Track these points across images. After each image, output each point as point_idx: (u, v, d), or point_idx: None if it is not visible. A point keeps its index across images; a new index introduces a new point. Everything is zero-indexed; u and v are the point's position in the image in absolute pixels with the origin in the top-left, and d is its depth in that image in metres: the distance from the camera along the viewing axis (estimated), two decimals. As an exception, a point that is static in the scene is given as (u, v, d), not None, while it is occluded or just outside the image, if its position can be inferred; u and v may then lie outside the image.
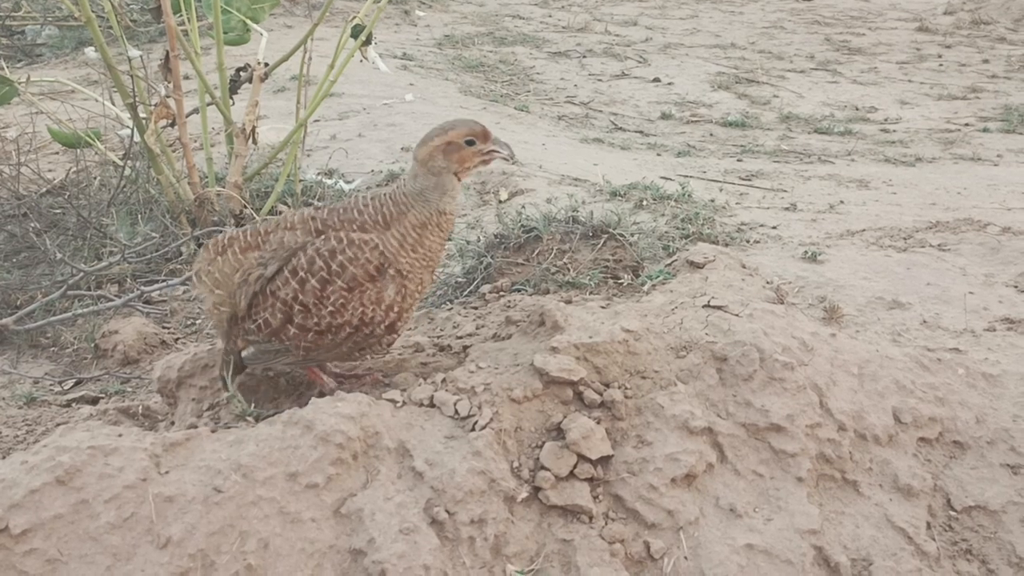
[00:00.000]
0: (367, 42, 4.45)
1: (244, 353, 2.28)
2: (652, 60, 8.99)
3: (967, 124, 7.10)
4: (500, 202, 4.94)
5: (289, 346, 2.18)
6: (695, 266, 2.60)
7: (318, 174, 5.19)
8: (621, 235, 3.16)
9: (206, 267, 2.32)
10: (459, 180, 2.20)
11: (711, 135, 7.15)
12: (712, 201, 4.85)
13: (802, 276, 3.05)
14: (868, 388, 2.28)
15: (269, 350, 2.22)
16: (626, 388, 2.17)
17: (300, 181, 4.76)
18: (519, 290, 3.07)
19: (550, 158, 5.85)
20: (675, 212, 4.20)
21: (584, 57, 9.09)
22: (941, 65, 8.61)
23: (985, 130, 6.92)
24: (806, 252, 3.36)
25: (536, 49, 9.30)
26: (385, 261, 2.13)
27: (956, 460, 2.24)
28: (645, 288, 2.65)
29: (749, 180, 5.77)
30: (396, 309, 2.16)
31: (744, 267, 2.62)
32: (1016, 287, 2.89)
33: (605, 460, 2.08)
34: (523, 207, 3.57)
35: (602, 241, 3.21)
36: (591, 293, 2.93)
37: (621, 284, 2.98)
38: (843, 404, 2.22)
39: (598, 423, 2.10)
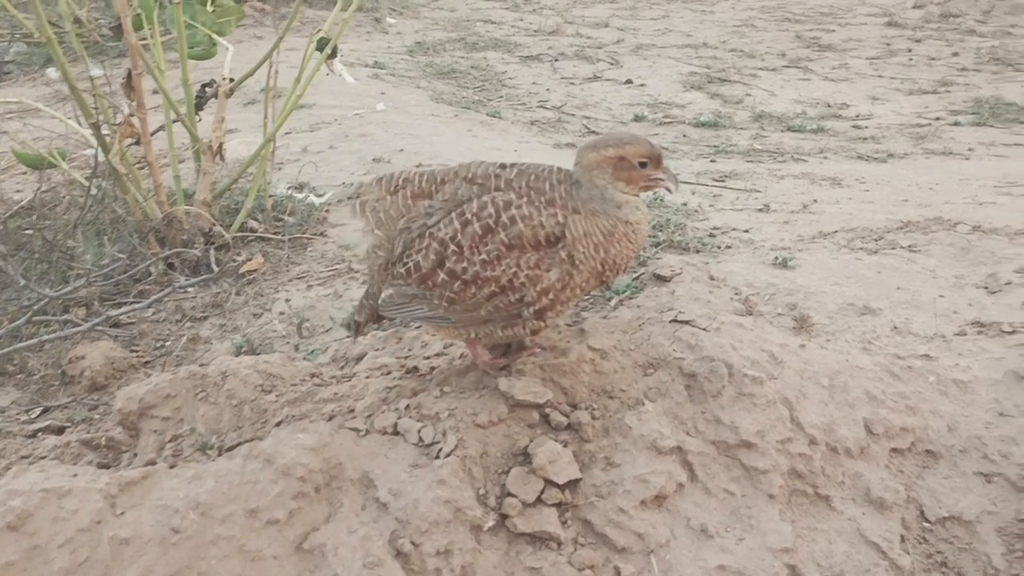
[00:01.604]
0: (332, 55, 4.40)
1: (383, 295, 2.18)
2: (624, 62, 8.97)
3: (938, 118, 7.12)
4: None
5: (433, 294, 2.08)
6: (662, 280, 2.57)
7: (288, 188, 5.13)
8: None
9: (373, 203, 2.22)
10: (623, 194, 2.08)
11: (684, 136, 7.13)
12: (685, 205, 4.82)
13: (773, 283, 3.03)
14: (839, 400, 2.25)
15: (409, 294, 2.12)
16: (593, 409, 2.14)
17: (270, 196, 4.70)
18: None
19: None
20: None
21: (556, 61, 9.06)
22: (911, 59, 8.64)
23: (956, 124, 6.93)
24: (777, 258, 3.34)
25: (508, 54, 9.26)
26: (561, 238, 2.02)
27: (929, 470, 2.22)
28: (612, 303, 2.62)
29: (723, 181, 5.75)
30: (551, 295, 2.04)
31: (712, 279, 2.59)
32: (986, 288, 2.88)
33: (573, 484, 2.04)
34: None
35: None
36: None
37: (590, 297, 2.95)
38: (814, 417, 2.20)
39: (565, 446, 2.06)
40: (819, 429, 2.18)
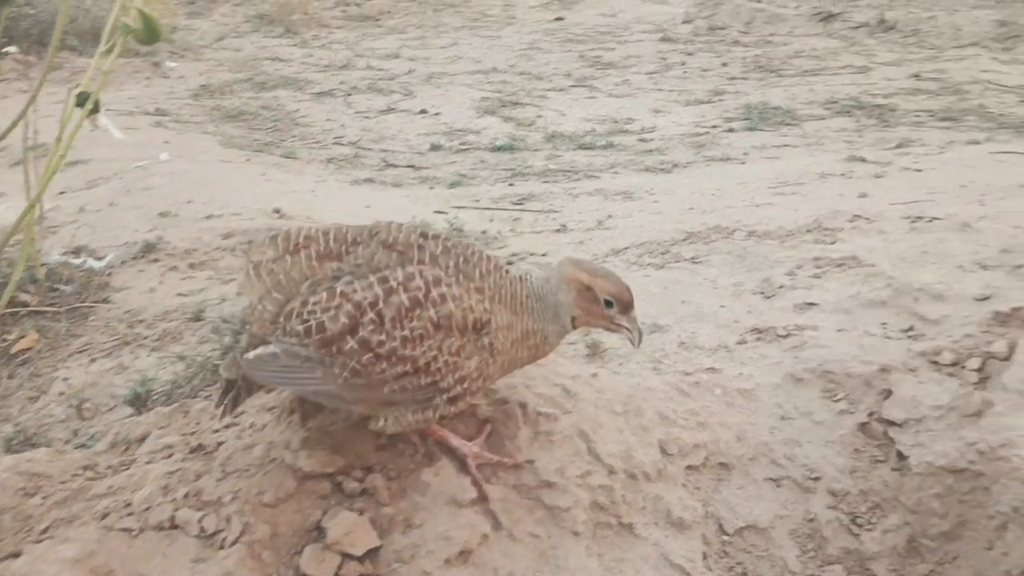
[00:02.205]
0: (95, 110, 4.11)
1: (261, 351, 1.88)
2: (417, 92, 8.97)
3: (714, 126, 7.53)
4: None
5: (335, 362, 1.84)
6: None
7: (63, 253, 4.74)
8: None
9: (270, 264, 1.98)
10: (574, 326, 2.04)
11: (482, 161, 7.19)
12: (484, 232, 4.83)
13: (567, 309, 3.05)
14: (633, 424, 2.28)
15: (303, 356, 1.85)
16: (389, 470, 2.05)
17: (43, 265, 4.32)
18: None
19: (320, 205, 5.66)
20: (446, 251, 4.14)
21: (349, 95, 8.93)
22: (686, 72, 9.13)
23: (731, 130, 7.37)
24: (570, 282, 3.38)
25: (299, 91, 9.05)
26: (486, 325, 1.91)
27: (723, 482, 2.27)
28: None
29: (521, 204, 5.83)
30: (467, 383, 1.92)
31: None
32: (762, 294, 3.02)
33: (373, 553, 1.94)
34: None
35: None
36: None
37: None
38: (611, 446, 2.21)
39: (361, 514, 1.96)
40: (617, 457, 2.19)
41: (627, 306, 2.02)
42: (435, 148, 7.49)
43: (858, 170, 6.08)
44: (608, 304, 2.01)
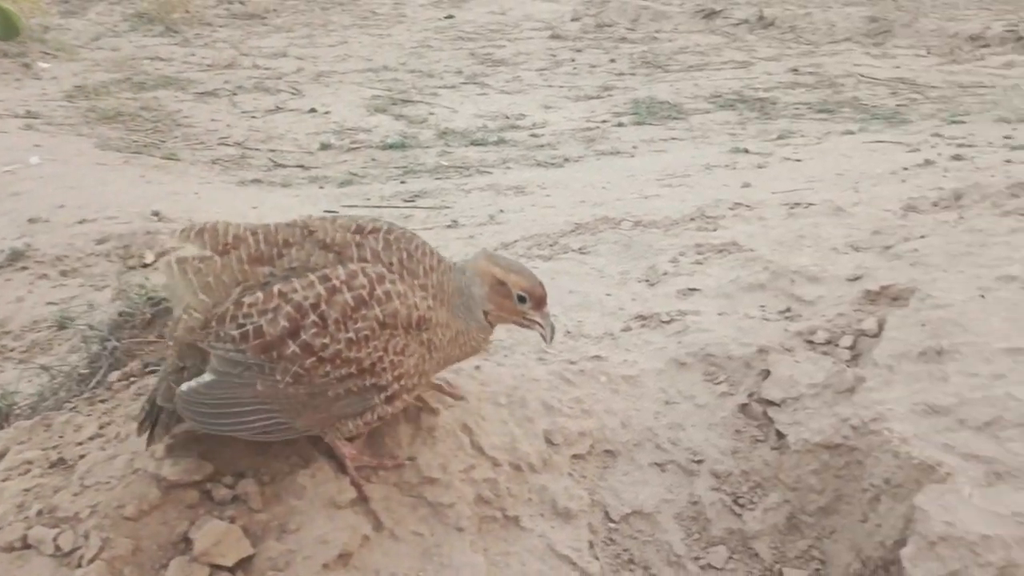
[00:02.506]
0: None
1: (189, 386, 1.75)
2: (306, 91, 8.78)
3: (604, 121, 7.61)
4: (145, 265, 4.51)
5: (276, 368, 1.73)
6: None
7: (-78, 268, 4.43)
8: (261, 291, 2.92)
9: (196, 264, 1.82)
10: (488, 322, 1.99)
11: (373, 160, 7.09)
12: (373, 231, 4.74)
13: (454, 303, 3.00)
14: (518, 415, 2.25)
15: (240, 363, 1.72)
16: (262, 474, 1.96)
17: None
18: (154, 371, 2.74)
19: (203, 207, 5.46)
20: (332, 251, 4.04)
21: (235, 95, 8.67)
22: (575, 68, 9.20)
23: (620, 124, 7.46)
24: (458, 276, 3.33)
25: (181, 91, 8.74)
26: (428, 323, 1.83)
27: (609, 470, 2.26)
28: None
29: (413, 201, 5.76)
30: (404, 381, 1.84)
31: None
32: (647, 281, 3.04)
33: (246, 562, 1.85)
34: (147, 277, 3.22)
35: (242, 301, 2.96)
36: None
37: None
38: (495, 439, 2.17)
39: (233, 522, 1.87)
40: (501, 450, 2.16)
41: (540, 302, 1.99)
42: (325, 147, 7.34)
43: (741, 161, 6.23)
44: (521, 300, 1.98)
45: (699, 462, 2.28)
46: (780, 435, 2.26)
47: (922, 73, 8.39)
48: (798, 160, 6.10)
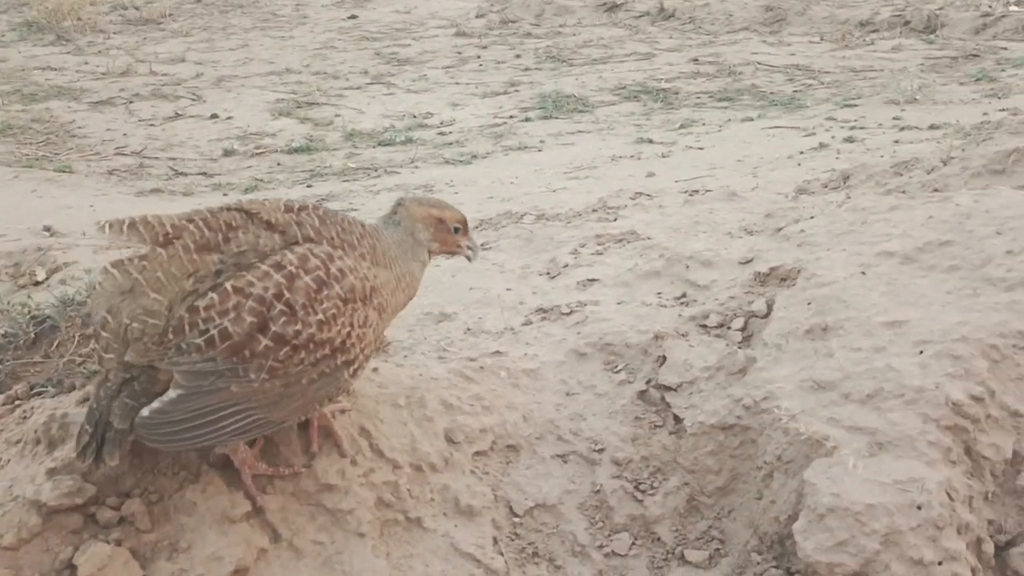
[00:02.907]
0: None
1: (152, 408, 1.65)
2: (207, 96, 8.56)
3: (511, 116, 7.63)
4: (37, 283, 4.33)
5: (249, 367, 1.67)
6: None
7: None
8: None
9: (139, 261, 1.70)
10: (429, 256, 2.13)
11: (279, 164, 6.96)
12: (277, 237, 4.64)
13: (355, 306, 2.96)
14: (417, 415, 2.22)
15: (210, 381, 1.65)
16: (149, 493, 1.89)
17: None
18: (40, 393, 2.64)
19: (99, 220, 5.25)
20: (232, 259, 3.94)
21: (131, 103, 8.41)
22: (481, 65, 9.20)
23: (527, 119, 7.49)
24: (359, 279, 3.29)
25: (74, 101, 8.43)
26: (374, 290, 1.87)
27: (512, 465, 2.26)
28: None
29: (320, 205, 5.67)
30: (367, 351, 1.86)
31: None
32: (548, 274, 3.05)
33: (136, 585, 1.79)
34: (29, 296, 3.10)
35: (133, 315, 2.87)
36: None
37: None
38: (394, 441, 2.15)
39: (119, 544, 1.80)
40: (401, 451, 2.13)
41: (467, 228, 2.20)
42: (228, 153, 7.18)
43: (646, 151, 6.32)
44: (456, 230, 2.16)
45: (600, 451, 2.30)
46: (677, 419, 2.30)
47: (816, 59, 8.64)
48: (700, 148, 6.22)
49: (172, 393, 1.68)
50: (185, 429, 1.70)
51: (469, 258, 2.22)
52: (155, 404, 1.68)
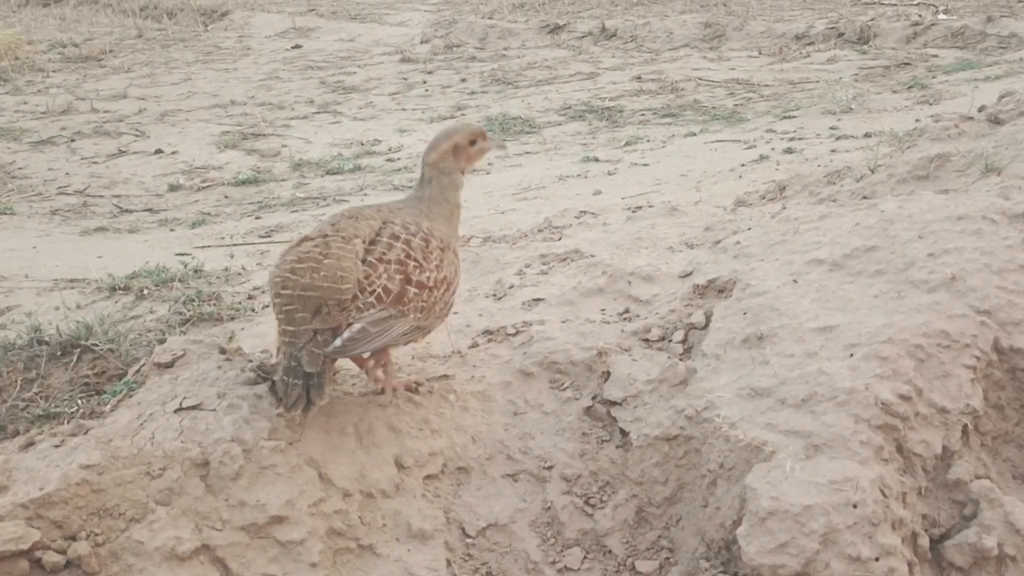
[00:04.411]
0: None
1: (345, 336, 2.13)
2: (151, 131, 8.51)
3: (458, 141, 7.67)
4: (-21, 329, 4.25)
5: (408, 308, 2.23)
6: (164, 367, 2.37)
7: None
8: (95, 345, 2.82)
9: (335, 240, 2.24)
10: (463, 174, 2.47)
11: (226, 197, 6.92)
12: (226, 270, 4.62)
13: (303, 336, 2.97)
14: (366, 443, 2.24)
15: (383, 319, 2.19)
16: (96, 535, 1.88)
17: None
18: (-9, 441, 2.60)
19: (42, 262, 5.20)
20: (180, 295, 3.92)
21: (73, 141, 8.32)
22: (427, 90, 9.26)
23: (474, 143, 7.54)
24: (308, 308, 3.29)
25: (14, 142, 8.33)
26: (443, 241, 2.36)
27: (463, 486, 2.28)
28: (108, 407, 2.36)
29: (269, 237, 5.65)
30: (457, 278, 2.42)
31: (223, 352, 2.45)
32: (494, 296, 3.08)
33: (84, 629, 1.78)
34: (-28, 341, 3.06)
35: (76, 356, 2.85)
36: (70, 420, 2.57)
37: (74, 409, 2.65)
38: (344, 469, 2.16)
39: (66, 588, 1.79)
40: (350, 479, 2.14)
41: (483, 134, 2.48)
42: (174, 188, 7.13)
43: (593, 169, 6.40)
44: (472, 143, 2.45)
45: (549, 468, 2.33)
46: (623, 433, 2.34)
47: (755, 73, 8.84)
48: (646, 164, 6.32)
49: (356, 326, 2.16)
50: (367, 341, 2.18)
51: (502, 147, 2.65)
52: (345, 335, 2.15)
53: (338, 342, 2.14)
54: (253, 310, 3.63)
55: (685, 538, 2.17)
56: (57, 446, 2.08)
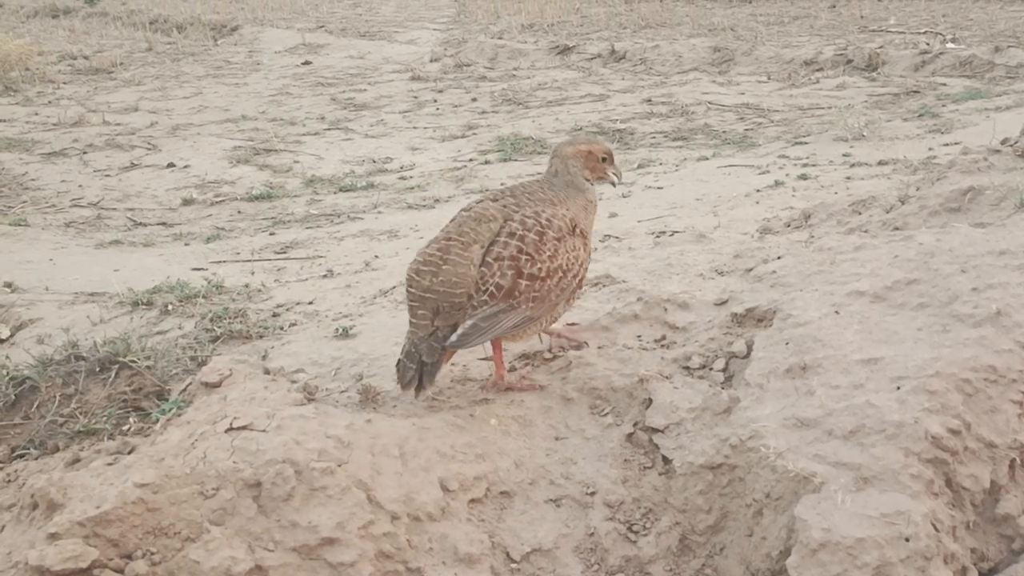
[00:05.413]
0: None
1: (459, 332, 2.39)
2: (163, 145, 8.53)
3: (471, 159, 7.72)
4: (1, 341, 4.26)
5: (520, 301, 2.43)
6: (211, 386, 2.39)
7: None
8: (133, 362, 2.83)
9: (439, 276, 2.46)
10: (586, 181, 2.68)
11: (239, 212, 6.94)
12: (247, 286, 4.64)
13: (337, 356, 2.98)
14: (413, 466, 2.25)
15: (494, 313, 2.41)
16: (152, 554, 1.89)
17: None
18: (23, 455, 2.61)
19: (60, 275, 5.21)
20: (205, 311, 3.93)
21: (85, 153, 8.34)
22: (438, 109, 9.30)
23: (487, 162, 7.58)
24: (339, 329, 3.31)
25: (26, 153, 8.34)
26: (575, 222, 2.57)
27: (507, 510, 2.29)
28: (159, 425, 2.37)
29: (285, 253, 5.67)
30: (581, 263, 2.59)
31: (267, 372, 2.47)
32: (527, 319, 3.10)
33: (142, 649, 1.79)
34: (7, 356, 3.06)
35: (114, 372, 2.86)
36: (110, 438, 2.58)
37: (150, 416, 2.66)
38: (391, 492, 2.17)
39: (125, 608, 1.79)
40: (398, 502, 2.16)
41: (612, 157, 2.74)
42: (187, 202, 7.15)
43: (607, 191, 6.42)
44: (603, 160, 2.70)
45: (592, 494, 2.34)
46: (666, 460, 2.35)
47: (765, 98, 8.91)
48: (660, 188, 6.36)
49: (469, 322, 2.42)
50: (478, 335, 2.42)
51: (613, 183, 2.76)
52: (460, 330, 2.41)
53: (454, 337, 2.41)
54: (281, 328, 3.64)
55: (729, 567, 2.18)
56: (110, 464, 2.09)
